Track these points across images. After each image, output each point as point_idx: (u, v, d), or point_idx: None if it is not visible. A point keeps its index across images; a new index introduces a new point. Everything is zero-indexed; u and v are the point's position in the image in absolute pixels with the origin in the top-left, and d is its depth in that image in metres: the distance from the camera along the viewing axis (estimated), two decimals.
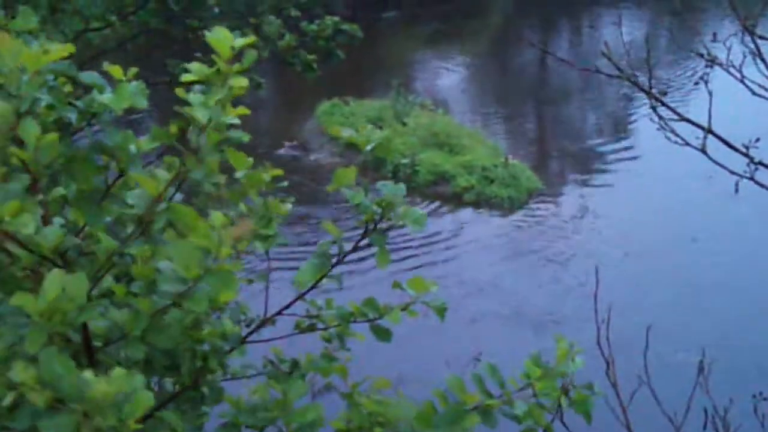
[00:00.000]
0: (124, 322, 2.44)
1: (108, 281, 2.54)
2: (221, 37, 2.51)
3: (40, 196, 2.37)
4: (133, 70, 2.57)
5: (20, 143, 2.28)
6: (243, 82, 2.52)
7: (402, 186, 2.82)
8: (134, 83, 2.54)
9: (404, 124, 21.40)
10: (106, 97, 2.47)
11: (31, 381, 1.98)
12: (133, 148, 2.48)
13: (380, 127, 21.25)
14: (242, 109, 2.52)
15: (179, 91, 2.48)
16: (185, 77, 2.50)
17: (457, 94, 26.95)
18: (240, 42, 2.54)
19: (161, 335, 2.40)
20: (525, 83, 28.91)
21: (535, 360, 3.11)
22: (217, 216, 2.32)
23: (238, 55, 2.55)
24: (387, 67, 28.90)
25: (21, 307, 2.08)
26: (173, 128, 2.53)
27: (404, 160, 18.93)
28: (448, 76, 28.62)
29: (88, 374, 2.01)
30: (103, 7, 11.18)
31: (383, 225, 2.80)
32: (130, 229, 2.53)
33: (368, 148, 2.83)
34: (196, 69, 2.50)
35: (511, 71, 30.38)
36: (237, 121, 2.54)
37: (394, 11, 36.42)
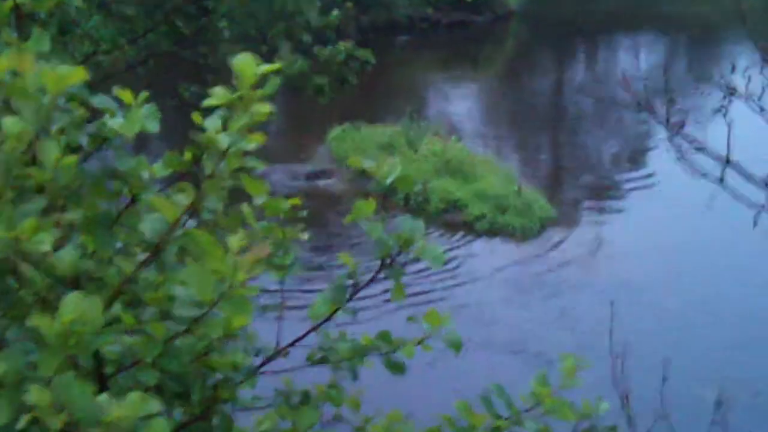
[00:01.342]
0: (136, 348, 2.46)
1: (117, 308, 2.55)
2: (245, 63, 2.54)
3: (57, 217, 2.39)
4: (144, 94, 2.60)
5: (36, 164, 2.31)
6: (265, 108, 2.55)
7: (421, 223, 2.84)
8: (146, 106, 2.56)
9: (416, 151, 21.46)
10: (117, 121, 2.50)
11: (47, 404, 2.00)
12: (146, 174, 2.50)
13: (392, 154, 21.35)
14: (259, 136, 2.55)
15: (195, 117, 2.50)
16: (207, 102, 2.52)
17: (470, 121, 27.02)
18: (264, 68, 2.57)
19: (174, 361, 2.42)
20: (539, 110, 28.98)
21: (542, 379, 3.13)
22: (233, 241, 2.34)
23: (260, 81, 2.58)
24: (399, 93, 29.02)
25: (36, 328, 2.10)
26: (187, 155, 2.55)
27: (416, 188, 18.97)
28: (461, 102, 28.71)
29: (104, 398, 2.02)
30: (113, 31, 11.28)
31: (400, 260, 2.82)
32: (139, 254, 2.55)
33: (389, 180, 2.85)
34: (218, 94, 2.53)
35: (525, 97, 30.47)
36: (254, 147, 2.56)
37: (406, 35, 36.62)
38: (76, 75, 2.36)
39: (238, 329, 2.49)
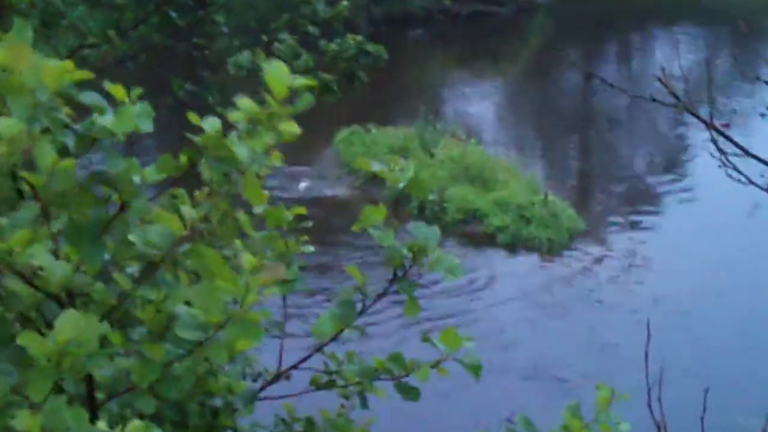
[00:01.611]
0: (131, 372, 2.45)
1: (104, 326, 2.55)
2: (278, 74, 2.54)
3: (51, 227, 2.39)
4: (138, 90, 2.60)
5: (31, 167, 2.32)
6: (293, 128, 2.56)
7: (436, 230, 2.83)
8: (139, 105, 2.56)
9: (432, 156, 21.46)
10: (108, 120, 2.49)
11: (36, 431, 2.00)
12: (137, 178, 2.50)
13: (405, 158, 21.36)
14: (278, 155, 2.56)
15: (191, 116, 2.50)
16: (233, 115, 2.53)
17: (491, 123, 27.03)
18: (299, 82, 2.57)
19: (172, 388, 2.41)
20: (567, 111, 28.96)
21: (573, 410, 3.12)
22: (247, 259, 2.33)
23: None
24: (413, 92, 29.05)
25: (23, 348, 2.09)
26: (183, 158, 2.55)
27: (431, 196, 18.96)
28: (481, 102, 28.72)
29: (101, 425, 2.02)
30: (101, 22, 11.31)
31: (413, 272, 2.81)
32: (130, 268, 2.55)
33: (400, 185, 2.84)
34: (245, 106, 2.53)
35: (551, 97, 30.46)
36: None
37: (421, 29, 36.67)
38: (82, 73, 2.37)
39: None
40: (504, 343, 14.86)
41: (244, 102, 2.54)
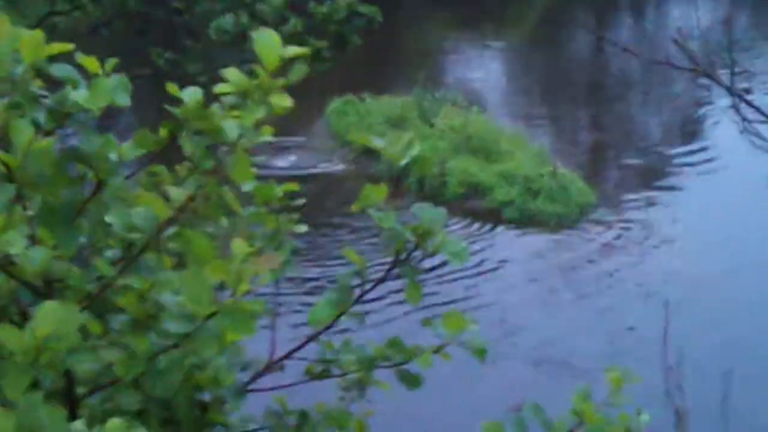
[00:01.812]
0: (114, 365, 2.45)
1: (83, 316, 2.54)
2: (268, 43, 2.53)
3: (28, 212, 2.39)
4: (113, 61, 2.59)
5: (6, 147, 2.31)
6: (285, 102, 2.54)
7: (443, 211, 2.83)
8: (114, 77, 2.55)
9: (431, 126, 21.43)
10: (81, 94, 2.48)
11: (10, 431, 2.00)
12: (113, 155, 2.50)
13: (403, 129, 21.35)
14: (268, 129, 2.55)
15: (171, 87, 2.49)
16: (220, 88, 2.52)
17: (495, 90, 26.99)
18: (291, 51, 2.56)
19: (159, 382, 2.41)
20: (577, 76, 28.91)
21: (584, 395, 3.13)
22: (239, 246, 2.32)
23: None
24: (411, 57, 28.98)
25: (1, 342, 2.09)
26: (162, 132, 2.54)
27: (432, 170, 18.93)
28: (484, 67, 28.67)
29: (78, 425, 2.02)
30: None
31: (417, 255, 2.80)
32: (109, 253, 2.54)
33: (403, 162, 2.84)
34: (233, 78, 2.52)
35: (560, 62, 30.39)
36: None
37: None
38: (62, 46, 2.36)
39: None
40: (510, 327, 14.88)
41: (232, 73, 2.53)
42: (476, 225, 18.60)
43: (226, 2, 11.52)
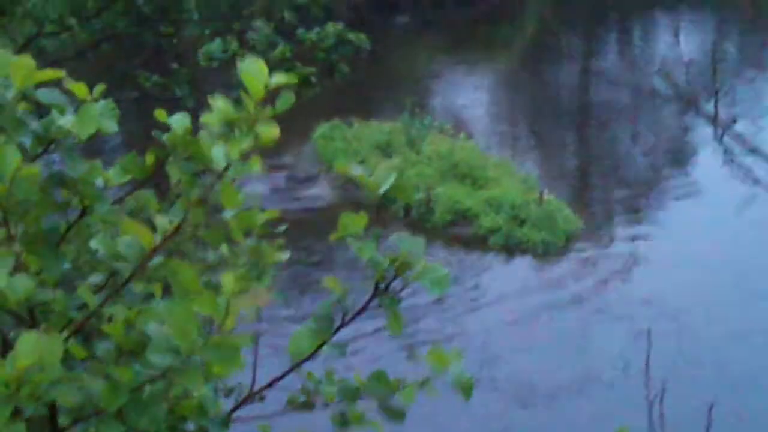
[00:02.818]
0: (98, 395, 2.43)
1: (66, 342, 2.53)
2: (255, 72, 2.53)
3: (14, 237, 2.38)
4: (100, 87, 2.60)
5: None
6: (273, 132, 2.54)
7: (421, 240, 2.83)
8: (101, 103, 2.55)
9: (418, 152, 21.48)
10: (68, 120, 2.49)
11: None
12: (99, 181, 2.50)
13: (389, 155, 21.37)
14: (256, 160, 2.56)
15: (159, 113, 2.50)
16: (206, 117, 2.51)
17: (482, 116, 27.05)
18: (278, 80, 2.56)
19: (144, 414, 2.39)
20: (564, 103, 29.02)
21: None
22: (227, 279, 2.32)
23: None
24: (398, 83, 29.06)
25: None
26: (149, 158, 2.55)
27: (418, 195, 18.97)
28: (471, 94, 28.75)
29: None
30: (60, 8, 11.29)
31: (397, 285, 2.80)
32: (93, 278, 2.54)
33: (381, 191, 2.84)
34: (221, 108, 2.52)
35: (547, 89, 30.51)
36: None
37: (407, 16, 36.69)
38: (54, 73, 2.36)
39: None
40: (493, 356, 14.87)
41: (219, 102, 2.53)
42: (463, 252, 18.61)
43: (214, 27, 11.56)
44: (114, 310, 2.46)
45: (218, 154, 2.45)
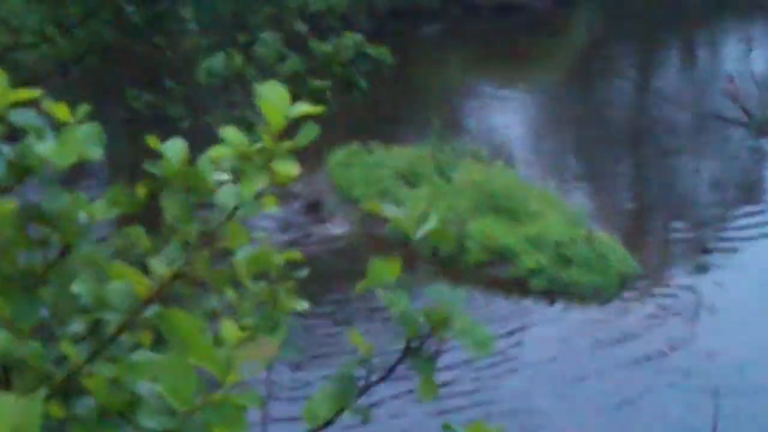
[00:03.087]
0: None
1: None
2: (275, 100, 2.53)
3: None
4: (84, 108, 2.60)
5: None
6: (291, 170, 2.54)
7: (462, 294, 2.81)
8: (86, 126, 2.56)
9: (449, 181, 21.48)
10: (48, 146, 2.49)
11: None
12: (82, 215, 2.50)
13: (415, 184, 21.41)
14: (272, 200, 2.55)
15: (151, 141, 2.51)
16: (215, 150, 2.51)
17: (522, 141, 27.09)
18: (300, 110, 2.56)
19: None
20: (616, 127, 29.00)
21: None
22: (228, 329, 2.31)
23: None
24: (426, 102, 29.14)
25: None
26: (141, 190, 2.55)
27: (452, 241, 18.93)
28: (509, 115, 28.81)
29: None
30: (39, 16, 11.38)
31: (432, 345, 2.78)
32: (75, 326, 2.54)
33: (419, 235, 2.83)
34: (232, 138, 2.52)
35: (597, 110, 30.53)
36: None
37: (436, 25, 36.83)
38: (29, 92, 2.37)
39: None
40: (535, 424, 14.77)
41: (231, 133, 2.52)
42: (500, 296, 18.56)
43: (215, 39, 11.63)
44: (102, 369, 2.44)
45: (227, 194, 2.44)
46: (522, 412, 14.85)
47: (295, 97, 2.73)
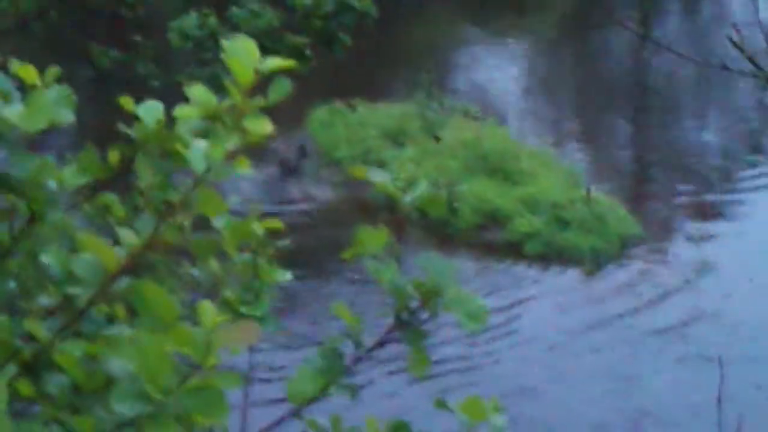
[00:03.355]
0: None
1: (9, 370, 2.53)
2: (242, 55, 2.52)
3: None
4: (53, 70, 2.60)
5: None
6: (264, 127, 2.53)
7: (452, 265, 2.82)
8: (55, 89, 2.56)
9: (438, 140, 21.45)
10: (14, 110, 2.49)
11: None
12: (52, 183, 2.51)
13: (402, 144, 21.39)
14: (244, 161, 2.55)
15: (124, 101, 2.51)
16: (180, 111, 2.50)
17: (516, 97, 27.04)
18: (270, 64, 2.55)
19: None
20: (615, 80, 28.98)
21: None
22: (205, 309, 2.31)
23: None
24: (412, 56, 29.04)
25: None
26: (113, 156, 2.56)
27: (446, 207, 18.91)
28: (501, 69, 28.74)
29: None
30: None
31: (422, 316, 2.79)
32: (43, 299, 2.56)
33: (407, 199, 2.84)
34: (199, 97, 2.51)
35: (594, 62, 30.49)
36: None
37: None
38: None
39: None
40: (530, 389, 14.83)
41: (198, 91, 2.52)
42: (493, 262, 18.59)
43: None
44: (72, 347, 2.44)
45: (197, 155, 2.44)
46: (515, 376, 14.90)
47: (273, 54, 2.73)
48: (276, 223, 3.08)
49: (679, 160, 23.36)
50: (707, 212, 20.63)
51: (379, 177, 2.83)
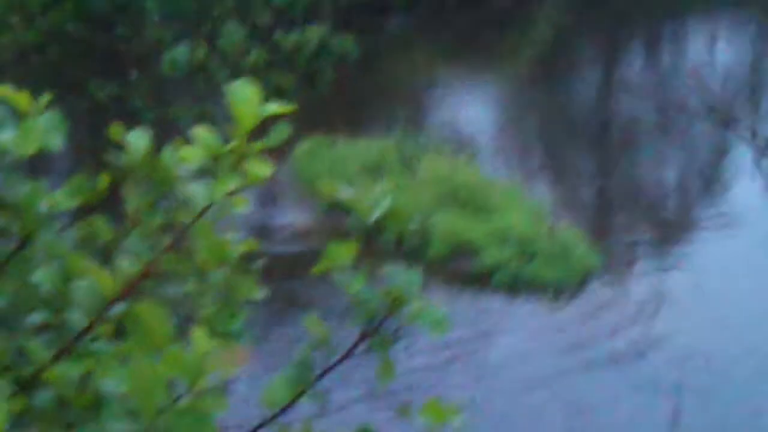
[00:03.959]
0: None
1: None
2: (245, 98, 2.51)
3: None
4: (46, 97, 2.59)
5: None
6: (264, 169, 2.53)
7: (417, 274, 2.82)
8: (47, 115, 2.54)
9: (413, 174, 21.48)
10: (7, 136, 2.48)
11: None
12: (44, 205, 2.49)
13: (380, 178, 21.38)
14: (242, 201, 2.54)
15: (114, 130, 2.50)
16: (184, 152, 2.49)
17: (487, 134, 27.08)
18: (272, 109, 2.55)
19: None
20: (581, 120, 29.06)
21: None
22: (199, 336, 2.29)
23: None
24: (390, 94, 29.09)
25: None
26: (103, 180, 2.54)
27: (412, 225, 18.93)
28: (474, 108, 28.80)
29: None
30: (1, 4, 11.32)
31: (390, 326, 2.79)
32: (35, 317, 2.53)
33: (374, 216, 2.84)
34: (202, 138, 2.50)
35: (562, 103, 30.56)
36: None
37: (402, 18, 36.79)
38: None
39: None
40: (498, 415, 14.80)
41: (202, 134, 2.51)
42: (462, 291, 18.57)
43: (179, 30, 11.58)
44: (69, 368, 2.42)
45: (199, 193, 2.43)
46: (482, 401, 14.85)
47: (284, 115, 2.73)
48: (251, 245, 3.07)
49: (638, 195, 23.43)
50: (665, 246, 20.69)
51: (345, 192, 2.85)
